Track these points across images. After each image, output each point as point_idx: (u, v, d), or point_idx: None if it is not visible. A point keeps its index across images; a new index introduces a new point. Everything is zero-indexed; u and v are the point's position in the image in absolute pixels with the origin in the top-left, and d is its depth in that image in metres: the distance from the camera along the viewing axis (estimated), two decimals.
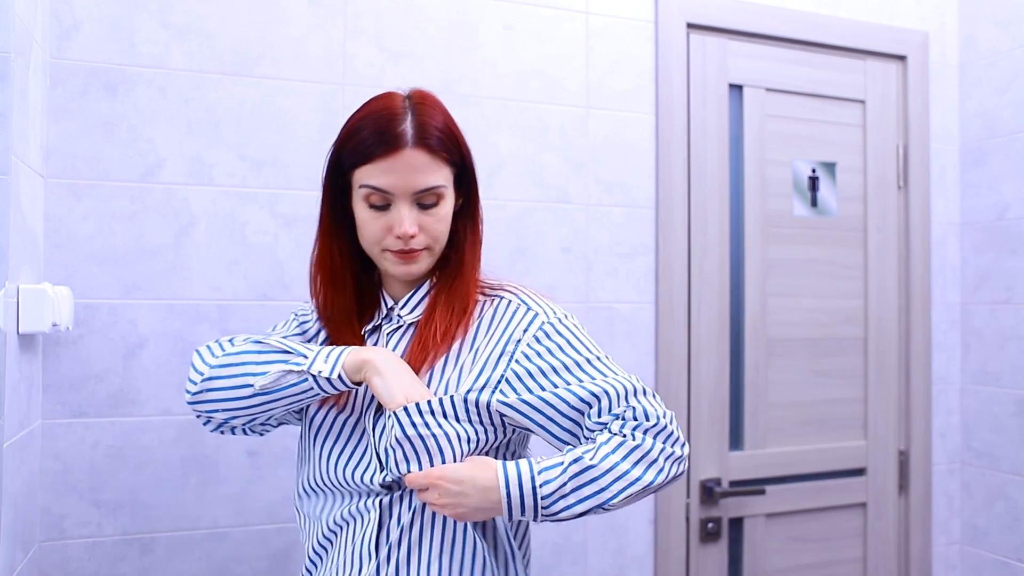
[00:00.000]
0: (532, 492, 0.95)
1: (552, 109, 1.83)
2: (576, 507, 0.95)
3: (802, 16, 2.04)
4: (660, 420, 1.00)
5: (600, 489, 0.95)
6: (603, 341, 1.87)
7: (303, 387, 1.03)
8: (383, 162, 1.01)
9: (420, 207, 1.03)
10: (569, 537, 1.83)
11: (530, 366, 1.03)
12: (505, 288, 1.12)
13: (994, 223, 2.18)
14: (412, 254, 1.04)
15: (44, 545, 1.46)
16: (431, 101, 1.05)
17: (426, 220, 1.04)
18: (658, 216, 1.92)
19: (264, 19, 1.62)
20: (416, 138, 1.01)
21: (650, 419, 1.00)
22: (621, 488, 0.96)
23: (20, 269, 1.29)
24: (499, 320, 1.07)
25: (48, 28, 1.47)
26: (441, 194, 1.04)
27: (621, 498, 0.96)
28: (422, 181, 1.01)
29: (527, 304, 1.08)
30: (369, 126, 1.02)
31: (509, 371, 1.03)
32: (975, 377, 2.23)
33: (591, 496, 0.95)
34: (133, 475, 1.52)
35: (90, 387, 1.50)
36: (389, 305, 1.12)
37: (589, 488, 0.95)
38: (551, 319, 1.06)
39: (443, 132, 1.03)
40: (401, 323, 1.10)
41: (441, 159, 1.03)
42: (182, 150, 1.56)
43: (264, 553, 1.59)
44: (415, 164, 1.01)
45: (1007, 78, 2.16)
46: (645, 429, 0.99)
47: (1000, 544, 2.15)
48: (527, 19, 1.82)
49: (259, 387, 1.03)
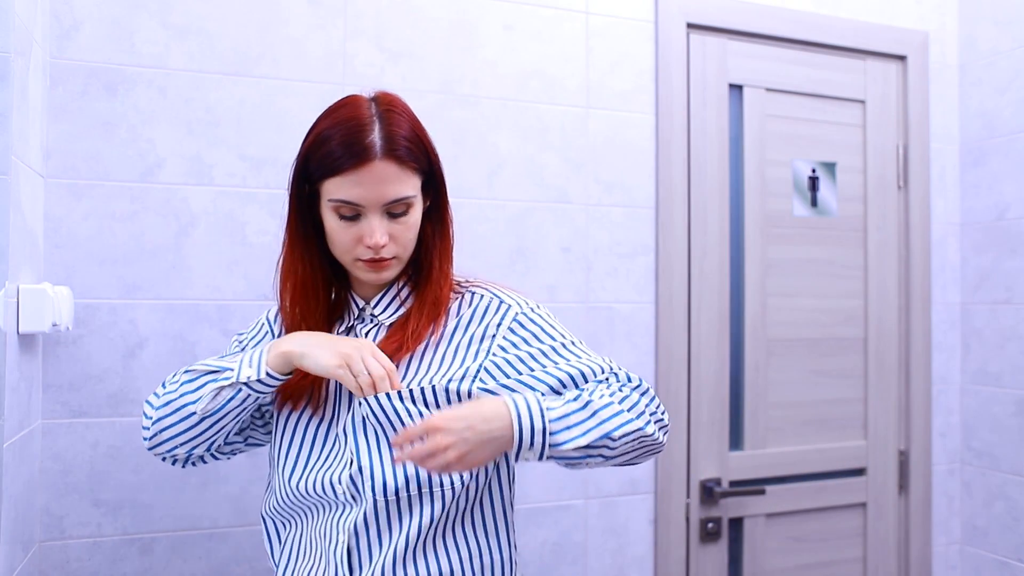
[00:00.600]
0: (541, 416, 0.94)
1: (552, 109, 1.83)
2: (581, 438, 0.95)
3: (802, 16, 2.04)
4: (643, 383, 1.06)
5: (602, 421, 0.96)
6: (603, 341, 1.87)
7: (242, 396, 1.03)
8: (352, 175, 1.00)
9: (390, 216, 1.04)
10: (569, 537, 1.83)
11: (508, 355, 1.05)
12: (477, 284, 1.14)
13: (994, 223, 2.18)
14: (383, 263, 1.05)
15: (44, 545, 1.46)
16: (399, 106, 1.05)
17: (396, 229, 1.04)
18: (658, 216, 1.92)
19: (264, 19, 1.62)
20: (385, 149, 1.00)
21: (633, 380, 1.05)
22: (621, 424, 0.97)
23: (20, 269, 1.29)
24: (474, 314, 1.10)
25: (48, 28, 1.47)
26: (411, 203, 1.04)
27: (622, 433, 0.97)
28: (392, 192, 1.01)
29: (500, 298, 1.11)
30: (337, 136, 1.01)
31: (488, 361, 1.05)
32: (975, 377, 2.23)
33: (595, 427, 0.96)
34: (133, 475, 1.52)
35: (90, 387, 1.50)
36: (360, 306, 1.13)
37: (592, 420, 0.96)
38: (524, 310, 1.10)
39: (411, 140, 1.03)
40: (376, 323, 1.11)
41: (410, 169, 1.03)
42: (182, 150, 1.56)
43: (264, 553, 1.59)
44: (385, 176, 1.01)
45: (1007, 78, 2.16)
46: (632, 387, 1.04)
47: (1000, 544, 2.15)
48: (527, 19, 1.82)
49: (200, 412, 1.04)
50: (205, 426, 1.06)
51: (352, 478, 1.02)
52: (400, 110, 1.05)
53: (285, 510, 1.11)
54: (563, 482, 1.82)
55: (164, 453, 1.09)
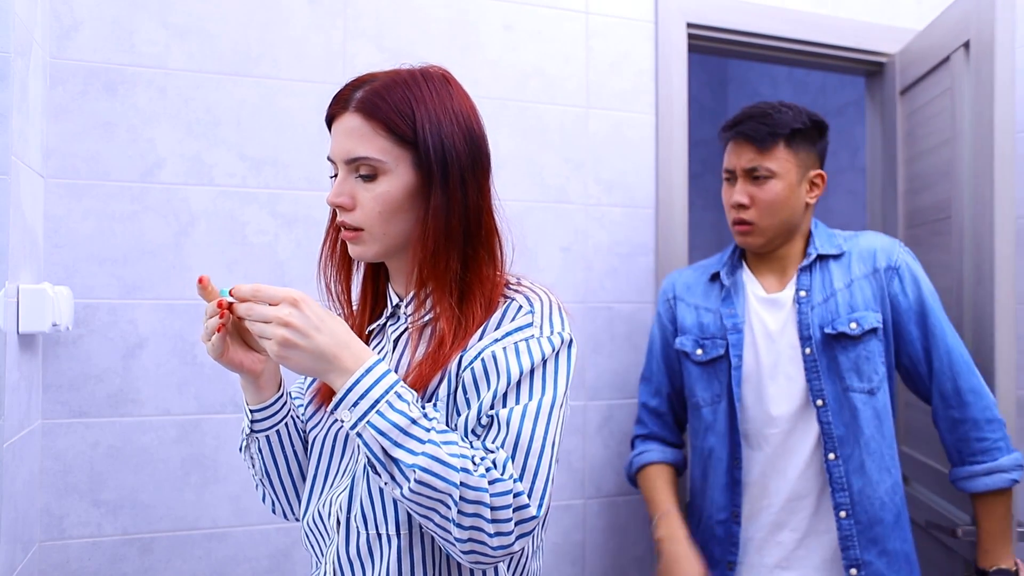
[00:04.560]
0: (384, 392, 0.84)
1: (552, 109, 1.83)
2: (379, 443, 0.82)
3: (802, 16, 2.04)
4: (524, 519, 0.85)
5: (434, 457, 0.82)
6: (603, 341, 1.87)
7: (248, 430, 1.02)
8: (333, 128, 0.97)
9: (363, 180, 0.94)
10: (569, 537, 1.83)
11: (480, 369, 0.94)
12: (522, 289, 0.99)
13: None
14: (349, 233, 0.96)
15: (44, 545, 1.46)
16: (422, 78, 0.96)
17: (363, 195, 0.94)
18: (658, 216, 1.92)
19: (264, 19, 1.62)
20: (359, 102, 0.93)
21: (518, 509, 0.85)
22: (442, 473, 0.81)
23: (20, 269, 1.29)
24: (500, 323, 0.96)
25: (48, 28, 1.47)
26: (376, 167, 0.93)
27: (415, 492, 0.82)
28: (352, 149, 0.93)
29: (532, 320, 0.95)
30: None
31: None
32: None
33: (403, 454, 0.82)
34: (133, 475, 1.52)
35: (90, 387, 1.50)
36: (395, 302, 1.04)
37: (405, 454, 0.82)
38: (540, 335, 0.94)
39: (392, 102, 0.93)
40: (407, 325, 1.00)
41: (380, 128, 0.93)
42: (182, 150, 1.56)
43: (264, 553, 1.59)
44: (349, 129, 0.94)
45: None
46: (516, 494, 0.84)
47: None
48: (527, 19, 1.82)
49: (257, 475, 1.06)
50: (278, 480, 1.05)
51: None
52: (414, 79, 0.95)
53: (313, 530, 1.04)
54: (563, 482, 1.82)
55: (283, 515, 1.10)
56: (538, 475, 0.86)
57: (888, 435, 1.47)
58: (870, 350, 1.46)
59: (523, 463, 0.86)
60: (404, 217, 0.95)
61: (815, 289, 1.51)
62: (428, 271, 0.95)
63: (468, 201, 0.96)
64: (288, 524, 1.61)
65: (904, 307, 1.48)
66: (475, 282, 0.96)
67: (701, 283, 1.65)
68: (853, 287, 1.49)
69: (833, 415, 1.47)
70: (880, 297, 1.48)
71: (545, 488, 0.87)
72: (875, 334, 1.47)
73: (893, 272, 1.49)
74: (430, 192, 0.94)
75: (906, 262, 1.51)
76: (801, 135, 1.51)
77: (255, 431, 1.00)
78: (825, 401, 1.47)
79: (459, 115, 0.96)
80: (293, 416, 1.04)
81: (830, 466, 1.46)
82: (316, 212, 1.64)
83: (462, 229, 0.96)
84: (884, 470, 1.46)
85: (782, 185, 1.50)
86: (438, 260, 0.94)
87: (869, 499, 1.45)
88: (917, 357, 1.50)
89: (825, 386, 1.47)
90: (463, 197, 0.95)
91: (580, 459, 1.84)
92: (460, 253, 0.96)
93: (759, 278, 1.59)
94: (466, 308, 0.95)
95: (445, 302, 0.95)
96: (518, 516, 0.84)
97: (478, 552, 0.84)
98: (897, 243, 1.53)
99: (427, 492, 0.82)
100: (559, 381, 0.92)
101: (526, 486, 0.86)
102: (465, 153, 0.96)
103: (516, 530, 0.84)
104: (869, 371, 1.46)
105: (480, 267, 0.97)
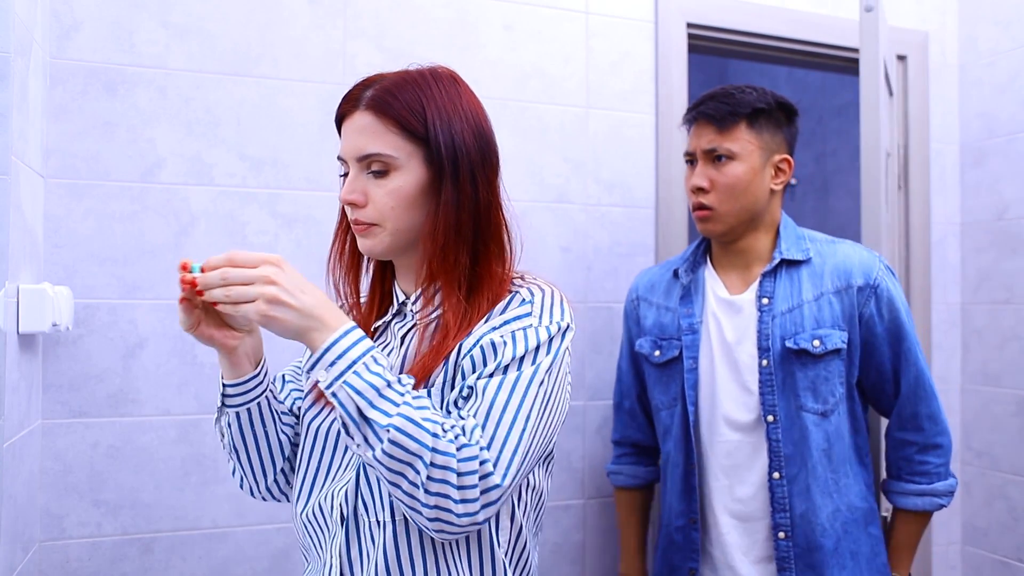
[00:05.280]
0: (356, 359, 0.84)
1: (552, 109, 1.83)
2: (355, 403, 0.82)
3: (802, 16, 2.04)
4: (491, 498, 0.85)
5: (407, 417, 0.82)
6: (603, 341, 1.87)
7: (219, 402, 1.01)
8: (343, 127, 0.98)
9: (374, 176, 0.96)
10: (569, 537, 1.83)
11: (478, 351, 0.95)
12: (529, 283, 1.00)
13: (994, 223, 2.18)
14: (361, 228, 0.97)
15: (44, 545, 1.46)
16: (431, 77, 0.98)
17: (375, 192, 0.95)
18: (658, 216, 1.92)
19: (264, 19, 1.62)
20: (369, 100, 0.95)
21: (484, 476, 0.85)
22: (413, 433, 0.82)
23: (20, 269, 1.29)
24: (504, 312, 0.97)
25: (48, 28, 1.47)
26: (389, 164, 0.95)
27: (387, 454, 0.82)
28: (364, 146, 0.95)
29: (530, 310, 0.96)
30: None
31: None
32: (975, 377, 2.23)
33: (377, 415, 0.82)
34: (133, 475, 1.52)
35: (90, 387, 1.50)
36: (401, 300, 1.04)
37: (380, 415, 0.82)
38: (539, 324, 0.95)
39: (404, 100, 0.95)
40: (414, 321, 1.01)
41: (391, 124, 0.94)
42: (182, 150, 1.56)
43: (264, 553, 1.59)
44: (361, 126, 0.95)
45: (1007, 78, 2.16)
46: (482, 461, 0.85)
47: (1000, 544, 2.15)
48: (527, 19, 1.82)
49: (225, 447, 1.04)
50: (245, 456, 1.04)
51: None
52: (425, 80, 0.97)
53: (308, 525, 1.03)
54: (563, 482, 1.82)
55: (249, 492, 1.09)
56: (506, 444, 0.86)
57: (837, 459, 1.41)
58: (830, 371, 1.40)
59: (493, 432, 0.86)
60: (415, 212, 0.96)
61: (779, 297, 1.43)
62: (438, 265, 0.96)
63: (478, 196, 0.97)
64: (288, 524, 1.61)
65: (879, 330, 1.42)
66: (484, 277, 0.97)
67: (664, 281, 1.59)
68: (822, 300, 1.42)
69: (783, 432, 1.41)
70: (849, 316, 1.41)
71: (513, 458, 0.86)
72: (838, 355, 1.40)
73: (870, 292, 1.41)
74: (441, 187, 0.96)
75: (884, 282, 1.42)
76: (765, 115, 1.44)
77: (226, 405, 1.00)
78: (776, 418, 1.41)
79: (468, 113, 0.98)
80: (269, 397, 1.02)
81: (773, 485, 1.41)
82: (316, 212, 1.64)
83: (472, 224, 0.97)
84: (827, 495, 1.41)
85: (743, 168, 1.42)
86: (448, 254, 0.95)
87: (810, 524, 1.40)
88: (885, 376, 1.45)
89: (778, 402, 1.41)
90: (473, 192, 0.97)
91: (580, 459, 1.84)
92: (470, 248, 0.97)
93: (722, 275, 1.51)
94: (473, 302, 0.96)
95: (454, 296, 0.96)
96: (483, 484, 0.84)
97: (443, 520, 0.84)
98: (876, 258, 1.44)
99: (399, 454, 0.82)
100: (545, 360, 0.92)
101: (493, 454, 0.85)
102: (475, 149, 0.97)
103: (481, 499, 0.84)
104: (826, 392, 1.41)
105: (490, 262, 0.98)
